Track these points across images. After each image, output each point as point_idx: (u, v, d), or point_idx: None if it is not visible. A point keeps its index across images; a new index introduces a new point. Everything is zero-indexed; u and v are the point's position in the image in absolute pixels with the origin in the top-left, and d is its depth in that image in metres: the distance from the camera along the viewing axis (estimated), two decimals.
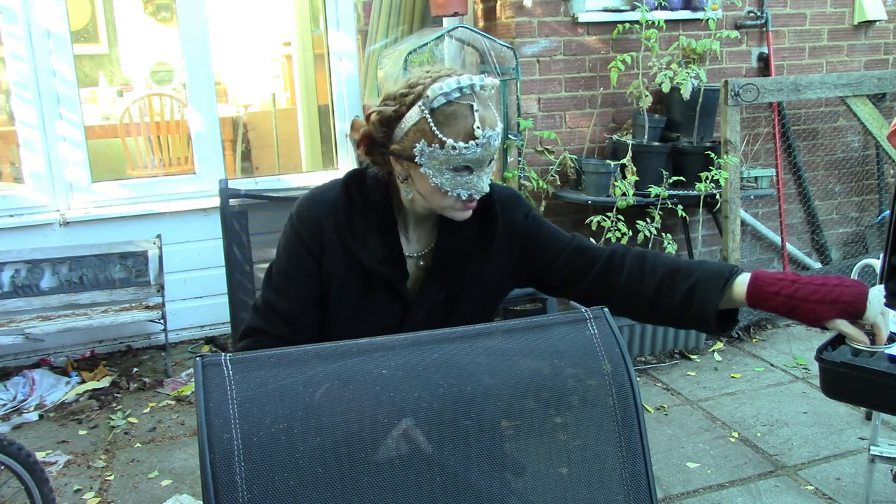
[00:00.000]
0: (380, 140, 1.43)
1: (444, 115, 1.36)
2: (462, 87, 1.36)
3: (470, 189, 1.41)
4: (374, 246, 1.47)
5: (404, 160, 1.42)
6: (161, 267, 3.54)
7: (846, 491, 2.44)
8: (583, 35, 3.82)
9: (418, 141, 1.38)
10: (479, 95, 1.38)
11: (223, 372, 0.99)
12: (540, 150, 3.72)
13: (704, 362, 3.43)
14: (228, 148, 5.57)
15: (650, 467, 1.10)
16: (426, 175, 1.40)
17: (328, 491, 0.98)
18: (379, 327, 1.48)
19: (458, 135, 1.36)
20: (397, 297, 1.51)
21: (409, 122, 1.39)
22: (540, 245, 1.60)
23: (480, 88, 1.38)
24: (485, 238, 1.52)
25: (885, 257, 2.18)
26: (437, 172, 1.40)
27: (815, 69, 4.28)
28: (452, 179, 1.40)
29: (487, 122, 1.37)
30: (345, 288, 1.50)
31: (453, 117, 1.36)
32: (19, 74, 3.45)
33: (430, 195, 1.44)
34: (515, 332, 1.13)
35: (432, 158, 1.38)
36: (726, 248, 3.58)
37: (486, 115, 1.38)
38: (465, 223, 1.50)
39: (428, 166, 1.40)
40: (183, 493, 2.52)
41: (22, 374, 3.32)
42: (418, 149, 1.38)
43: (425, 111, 1.36)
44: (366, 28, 4.13)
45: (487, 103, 1.39)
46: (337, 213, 1.47)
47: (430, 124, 1.36)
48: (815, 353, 1.97)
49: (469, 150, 1.36)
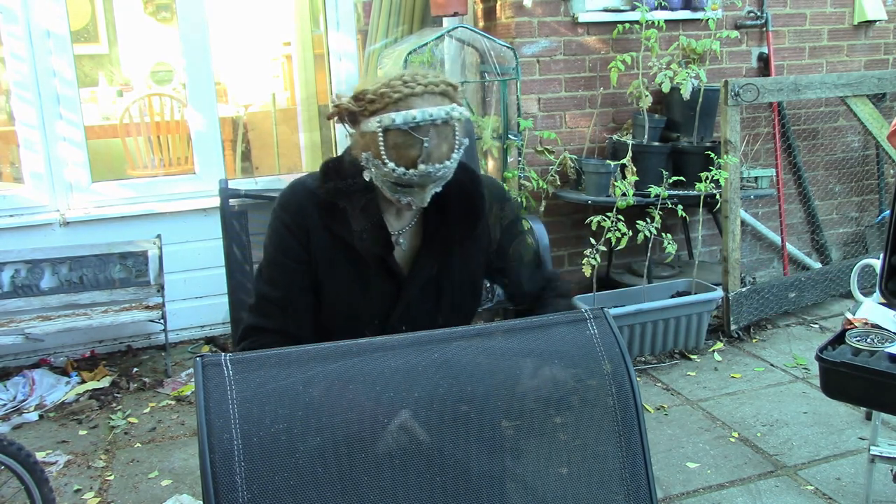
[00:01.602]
0: (343, 118, 1.47)
1: (394, 140, 1.38)
2: (419, 121, 1.36)
3: (410, 199, 1.44)
4: (356, 223, 1.50)
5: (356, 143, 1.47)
6: (161, 267, 3.54)
7: (846, 491, 2.44)
8: (583, 35, 3.82)
9: (367, 149, 1.42)
10: (439, 129, 1.38)
11: (223, 372, 0.99)
12: (540, 150, 3.72)
13: (704, 362, 3.43)
14: (228, 148, 5.57)
15: (650, 467, 1.10)
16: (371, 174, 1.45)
17: (328, 491, 0.98)
18: (376, 305, 1.55)
19: (401, 161, 1.38)
20: (389, 273, 1.55)
21: (367, 128, 1.42)
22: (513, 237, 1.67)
23: (443, 123, 1.39)
24: (472, 215, 1.57)
25: (885, 257, 2.18)
26: (379, 182, 1.45)
27: (815, 69, 4.28)
28: (393, 189, 1.43)
29: (435, 157, 1.38)
30: (335, 269, 1.54)
31: (402, 146, 1.38)
32: (19, 74, 3.45)
33: (379, 184, 1.48)
34: (515, 332, 1.13)
35: (376, 169, 1.42)
36: (726, 248, 3.58)
37: (438, 150, 1.39)
38: (454, 200, 1.55)
39: (370, 173, 1.45)
40: (183, 493, 2.52)
41: (22, 374, 3.32)
42: (364, 156, 1.43)
43: (379, 130, 1.38)
44: (366, 28, 4.12)
45: (445, 136, 1.40)
46: (318, 197, 1.51)
47: (379, 143, 1.39)
48: (815, 353, 1.98)
49: (407, 177, 1.39)
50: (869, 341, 1.97)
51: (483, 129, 3.66)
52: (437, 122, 1.38)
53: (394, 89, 1.39)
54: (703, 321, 3.51)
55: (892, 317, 2.08)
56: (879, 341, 1.97)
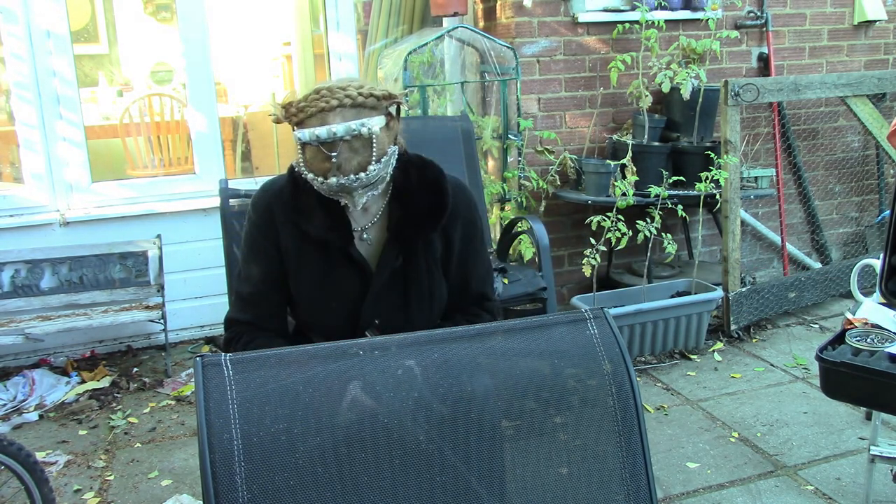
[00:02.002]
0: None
1: (308, 153, 1.47)
2: (324, 138, 1.43)
3: (346, 202, 1.53)
4: (318, 217, 1.59)
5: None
6: (161, 267, 3.54)
7: (846, 491, 2.44)
8: (583, 35, 3.82)
9: (295, 156, 1.51)
10: (349, 143, 1.44)
11: (223, 372, 0.99)
12: (540, 150, 3.72)
13: (704, 362, 3.43)
14: (228, 148, 5.56)
15: (650, 467, 1.11)
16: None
17: (328, 491, 0.98)
18: (345, 297, 1.63)
19: (316, 171, 1.47)
20: (355, 265, 1.62)
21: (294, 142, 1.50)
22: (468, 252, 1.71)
23: (352, 137, 1.44)
24: (436, 210, 1.63)
25: (885, 257, 2.18)
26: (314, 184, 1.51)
27: (815, 69, 4.28)
28: (328, 190, 1.50)
29: (345, 169, 1.45)
30: (304, 264, 1.63)
31: (314, 160, 1.46)
32: (19, 74, 3.45)
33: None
34: (515, 332, 1.13)
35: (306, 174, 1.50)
36: (726, 248, 3.58)
37: (348, 163, 1.45)
38: (419, 195, 1.62)
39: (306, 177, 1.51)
40: (183, 493, 2.52)
41: (22, 374, 3.32)
42: (295, 161, 1.53)
43: (298, 142, 1.47)
44: (366, 28, 4.13)
45: (356, 149, 1.45)
46: (284, 195, 1.61)
47: (299, 155, 1.48)
48: (816, 353, 1.98)
49: (326, 187, 1.47)
50: (869, 341, 1.98)
51: (483, 129, 3.66)
52: (344, 138, 1.43)
53: (310, 103, 1.46)
54: (703, 321, 3.51)
55: (892, 317, 2.08)
56: (879, 341, 1.97)
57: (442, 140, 3.26)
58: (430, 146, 3.22)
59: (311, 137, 1.43)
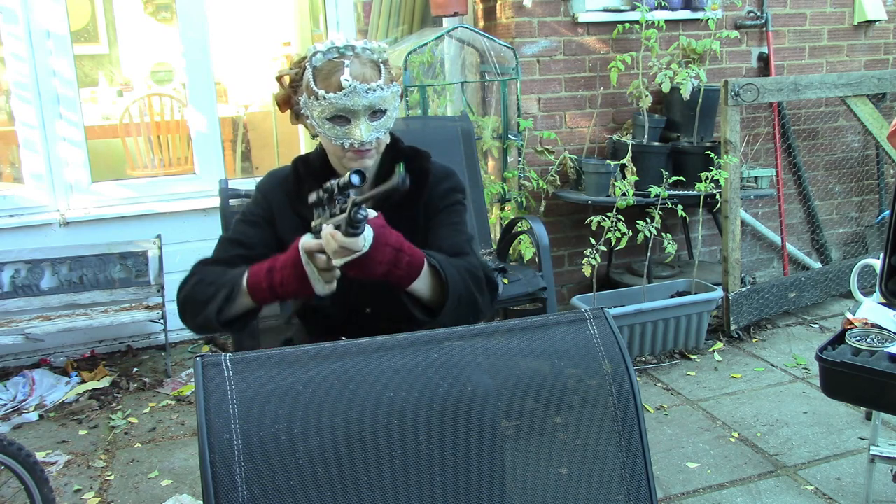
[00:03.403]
0: (293, 100, 1.63)
1: (321, 70, 1.55)
2: (337, 46, 1.54)
3: (349, 138, 1.56)
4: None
5: (302, 116, 1.61)
6: (161, 267, 3.54)
7: (846, 491, 2.44)
8: (583, 35, 3.82)
9: (303, 95, 1.58)
10: (359, 55, 1.56)
11: (223, 372, 0.99)
12: (540, 150, 3.72)
13: (704, 362, 3.43)
14: (228, 148, 5.57)
15: (650, 467, 1.10)
16: (314, 126, 1.59)
17: (328, 491, 0.97)
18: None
19: (328, 86, 1.54)
20: None
21: (303, 81, 1.58)
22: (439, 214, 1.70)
23: (362, 50, 1.56)
24: (413, 192, 1.64)
25: (885, 257, 2.18)
26: (319, 123, 1.57)
27: (815, 69, 4.28)
28: (332, 129, 1.56)
29: (357, 74, 1.53)
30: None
31: (327, 72, 1.54)
32: (19, 74, 3.45)
33: (327, 147, 1.63)
34: (515, 332, 1.13)
35: (312, 109, 1.56)
36: (726, 248, 3.58)
37: (360, 71, 1.54)
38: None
39: (311, 118, 1.58)
40: (183, 493, 2.52)
41: (22, 374, 3.32)
42: (302, 101, 1.59)
43: (309, 68, 1.56)
44: (366, 28, 4.13)
45: (366, 63, 1.56)
46: (287, 184, 1.68)
47: (310, 78, 1.55)
48: (816, 353, 1.98)
49: (336, 98, 1.52)
50: (869, 341, 1.98)
51: (483, 129, 3.66)
52: (358, 49, 1.55)
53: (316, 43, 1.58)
54: (703, 321, 3.51)
55: (892, 317, 2.08)
56: (879, 341, 1.97)
57: (442, 140, 3.26)
58: (430, 146, 3.21)
59: (330, 44, 1.54)
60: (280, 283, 1.46)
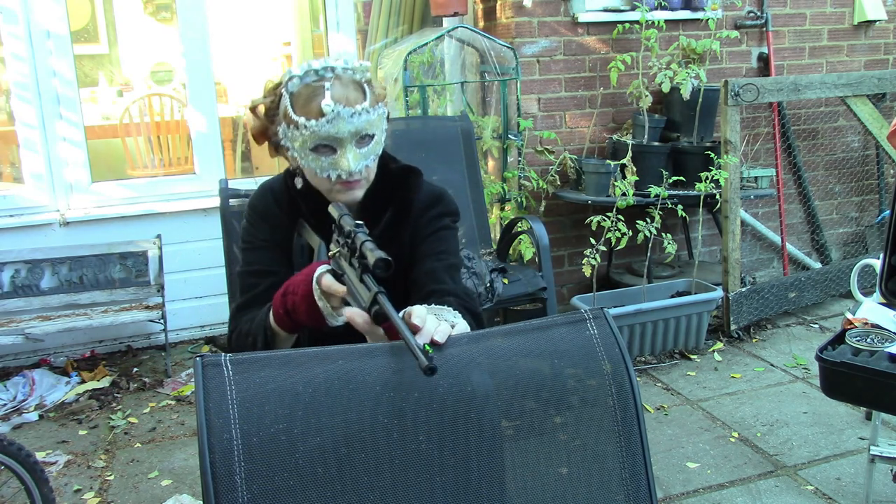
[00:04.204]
0: (270, 131, 1.51)
1: (299, 96, 1.43)
2: (315, 69, 1.42)
3: (336, 169, 1.44)
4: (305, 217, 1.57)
5: (282, 147, 1.50)
6: (161, 267, 3.54)
7: (846, 491, 2.44)
8: (583, 35, 3.82)
9: (281, 124, 1.46)
10: (340, 76, 1.43)
11: (223, 372, 0.99)
12: (540, 150, 3.72)
13: (704, 362, 3.43)
14: (228, 148, 5.56)
15: (650, 467, 1.10)
16: (296, 158, 1.47)
17: (328, 491, 0.97)
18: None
19: (309, 113, 1.42)
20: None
21: (280, 109, 1.46)
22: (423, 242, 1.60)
23: (342, 70, 1.44)
24: (396, 226, 1.58)
25: (885, 257, 2.18)
26: (301, 154, 1.46)
27: (815, 69, 4.28)
28: (317, 160, 1.44)
29: (340, 99, 1.41)
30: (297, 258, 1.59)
31: (307, 97, 1.42)
32: (19, 74, 3.45)
33: (312, 179, 1.51)
34: (515, 333, 1.13)
35: (293, 140, 1.45)
36: (726, 248, 3.58)
37: (342, 94, 1.42)
38: (380, 213, 1.56)
39: (293, 149, 1.46)
40: (183, 493, 2.52)
41: (22, 374, 3.32)
42: (281, 131, 1.47)
43: (285, 95, 1.44)
44: (366, 28, 4.13)
45: (349, 84, 1.44)
46: (280, 194, 1.58)
47: (287, 106, 1.44)
48: (816, 353, 1.98)
49: (319, 126, 1.41)
50: (869, 341, 1.98)
51: (483, 129, 3.66)
52: (338, 70, 1.43)
53: (291, 68, 1.47)
54: (703, 321, 3.51)
55: (892, 317, 2.08)
56: (879, 341, 1.97)
57: (442, 140, 3.26)
58: (430, 146, 3.24)
59: (307, 67, 1.42)
60: (293, 309, 1.37)
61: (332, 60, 1.45)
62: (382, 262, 1.16)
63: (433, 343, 1.08)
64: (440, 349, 1.08)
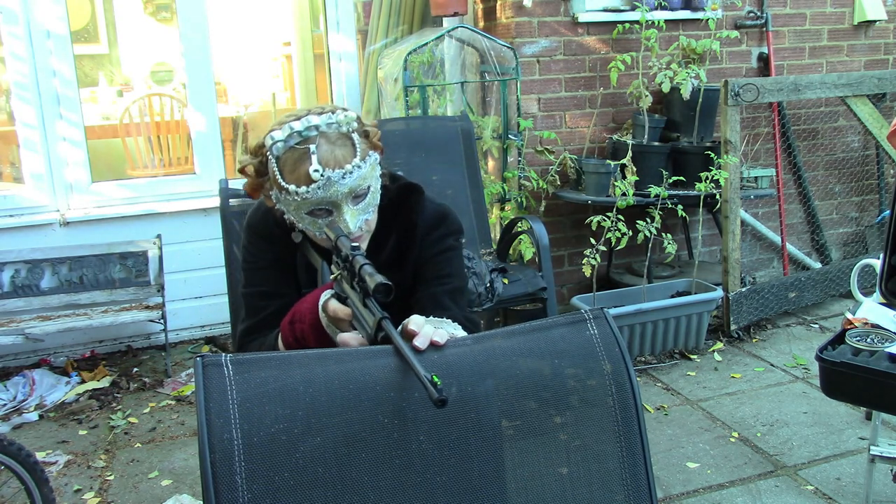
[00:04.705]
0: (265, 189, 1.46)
1: (285, 162, 1.37)
2: (297, 130, 1.36)
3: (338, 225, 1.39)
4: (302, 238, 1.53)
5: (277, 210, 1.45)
6: (161, 267, 3.54)
7: (846, 491, 2.44)
8: (583, 35, 3.82)
9: (272, 189, 1.41)
10: (326, 133, 1.37)
11: (223, 372, 0.99)
12: (540, 150, 3.72)
13: (704, 362, 3.43)
14: (228, 148, 5.56)
15: (650, 467, 1.10)
16: (293, 221, 1.43)
17: (328, 491, 0.98)
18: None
19: (298, 180, 1.36)
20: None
21: (269, 173, 1.41)
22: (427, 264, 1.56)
23: (327, 126, 1.37)
24: (401, 252, 1.54)
25: (885, 257, 2.18)
26: (297, 218, 1.41)
27: (815, 69, 4.28)
28: (314, 223, 1.40)
29: (328, 161, 1.35)
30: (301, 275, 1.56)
31: (293, 163, 1.36)
32: (19, 74, 3.45)
33: (313, 238, 1.46)
34: (515, 333, 1.13)
35: (286, 205, 1.40)
36: (726, 248, 3.58)
37: (330, 155, 1.36)
38: (384, 239, 1.53)
39: (287, 213, 1.42)
40: (183, 493, 2.52)
41: (22, 374, 3.32)
42: (274, 196, 1.42)
43: (273, 160, 1.38)
44: (366, 28, 4.13)
45: (336, 141, 1.37)
46: (279, 215, 1.50)
47: (275, 172, 1.38)
48: (816, 353, 1.98)
49: (311, 192, 1.35)
50: (869, 341, 1.98)
51: (483, 129, 3.67)
52: (319, 128, 1.36)
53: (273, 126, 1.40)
54: (703, 321, 3.51)
55: (892, 317, 2.08)
56: (879, 341, 1.97)
57: (442, 140, 3.26)
58: (430, 146, 3.24)
59: (288, 130, 1.35)
60: (302, 337, 1.35)
61: (314, 116, 1.37)
62: (383, 287, 1.14)
63: (432, 344, 1.08)
64: (440, 350, 1.08)
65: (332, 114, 1.39)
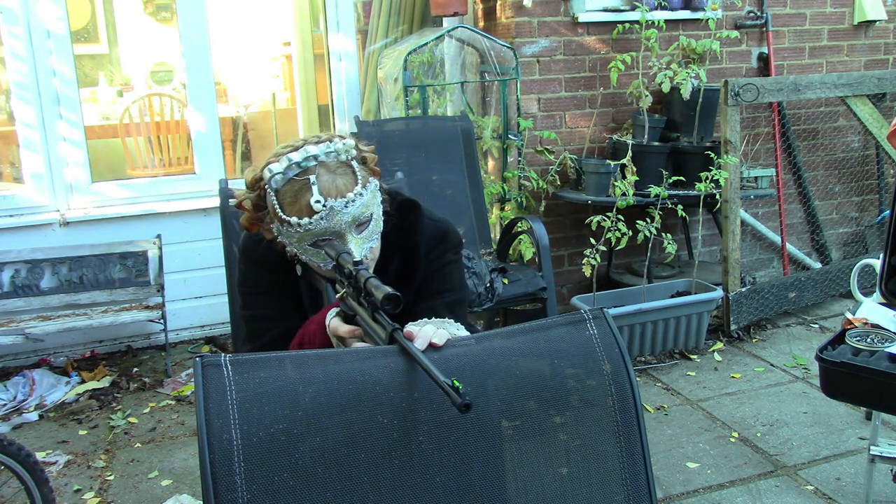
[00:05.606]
0: (264, 224, 1.44)
1: (285, 195, 1.35)
2: (296, 161, 1.34)
3: (342, 252, 1.36)
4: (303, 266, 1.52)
5: (277, 243, 1.43)
6: (161, 267, 3.54)
7: (846, 491, 2.44)
8: (583, 35, 3.82)
9: (273, 222, 1.39)
10: (325, 163, 1.35)
11: (223, 372, 0.99)
12: (540, 150, 3.72)
13: (704, 362, 3.43)
14: (228, 148, 5.57)
15: (650, 467, 1.10)
16: (296, 253, 1.41)
17: (328, 491, 0.97)
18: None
19: (300, 212, 1.34)
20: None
21: (268, 206, 1.39)
22: (427, 280, 1.55)
23: (326, 155, 1.35)
24: (406, 273, 1.53)
25: (884, 257, 2.18)
26: (300, 250, 1.39)
27: (815, 69, 4.28)
28: (318, 255, 1.38)
29: (329, 191, 1.34)
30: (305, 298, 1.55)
31: (293, 195, 1.34)
32: (19, 74, 3.45)
33: (317, 270, 1.44)
34: (515, 333, 1.13)
35: (288, 237, 1.38)
36: (726, 248, 3.58)
37: (331, 184, 1.34)
38: (387, 262, 1.52)
39: (290, 245, 1.40)
40: (183, 493, 2.52)
41: (22, 374, 3.32)
42: (275, 229, 1.40)
43: (272, 193, 1.36)
44: (366, 28, 4.13)
45: (336, 170, 1.35)
46: (279, 247, 1.48)
47: (275, 205, 1.36)
48: (816, 353, 1.98)
49: (314, 223, 1.34)
50: (869, 341, 1.98)
51: (483, 129, 3.67)
52: (318, 157, 1.34)
53: (270, 158, 1.38)
54: (703, 321, 3.51)
55: (892, 317, 2.08)
56: (879, 341, 1.97)
57: (442, 140, 3.26)
58: (430, 146, 3.24)
59: (286, 162, 1.33)
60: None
61: (312, 146, 1.35)
62: (391, 298, 1.13)
63: (431, 345, 1.08)
64: (439, 350, 1.08)
65: (330, 142, 1.37)
